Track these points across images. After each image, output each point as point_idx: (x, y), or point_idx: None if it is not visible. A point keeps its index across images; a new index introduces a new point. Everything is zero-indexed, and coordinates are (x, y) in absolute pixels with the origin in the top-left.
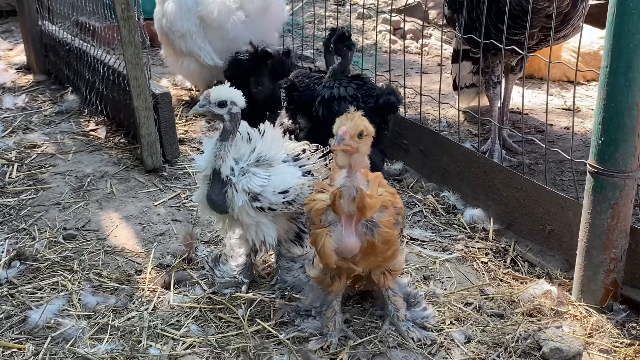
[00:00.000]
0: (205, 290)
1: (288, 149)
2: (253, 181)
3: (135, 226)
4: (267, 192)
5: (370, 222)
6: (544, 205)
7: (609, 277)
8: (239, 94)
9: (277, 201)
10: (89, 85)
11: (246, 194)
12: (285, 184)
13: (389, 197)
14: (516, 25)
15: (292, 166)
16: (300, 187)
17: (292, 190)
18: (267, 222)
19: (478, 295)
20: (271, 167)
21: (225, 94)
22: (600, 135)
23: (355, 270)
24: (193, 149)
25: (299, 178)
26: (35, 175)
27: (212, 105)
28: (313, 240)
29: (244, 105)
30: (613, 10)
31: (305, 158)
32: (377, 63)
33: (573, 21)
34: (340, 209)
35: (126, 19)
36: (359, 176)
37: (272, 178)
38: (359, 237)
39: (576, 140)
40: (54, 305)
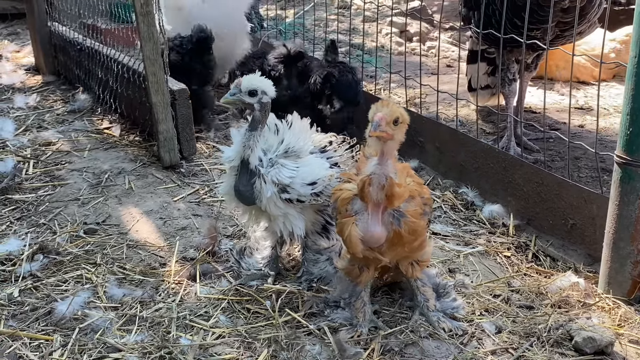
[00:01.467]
0: (232, 283)
1: (315, 141)
2: (282, 172)
3: (156, 221)
4: (295, 184)
5: (397, 211)
6: (567, 199)
7: (636, 269)
8: (269, 83)
9: (306, 193)
10: (102, 84)
11: (275, 185)
12: (314, 176)
13: (416, 187)
14: (532, 19)
15: (319, 158)
16: (328, 179)
17: (320, 182)
18: (295, 213)
19: (505, 288)
20: (299, 158)
21: (256, 83)
22: (628, 125)
23: (382, 261)
24: (208, 146)
25: (327, 170)
26: (52, 172)
27: (243, 94)
28: (339, 229)
29: (274, 94)
30: None
31: (332, 150)
32: (390, 63)
33: (589, 17)
34: (368, 197)
35: (145, 14)
36: (390, 164)
37: (301, 169)
38: (385, 226)
39: (591, 138)
40: (80, 297)
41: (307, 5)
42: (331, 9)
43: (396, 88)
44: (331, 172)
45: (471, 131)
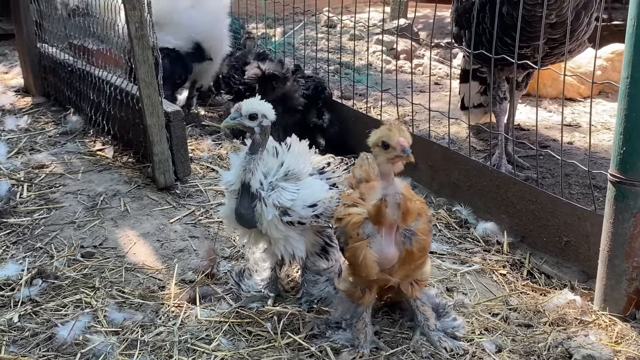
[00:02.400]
0: (232, 305)
1: (314, 162)
2: (283, 195)
3: (154, 243)
4: (296, 206)
5: (407, 230)
6: (560, 217)
7: (631, 286)
8: (269, 107)
9: (307, 215)
10: (93, 106)
11: (276, 208)
12: (314, 198)
13: (420, 205)
14: (521, 37)
15: (318, 179)
16: (328, 200)
17: (320, 204)
18: (296, 235)
19: (503, 306)
20: (299, 180)
21: (256, 107)
22: (621, 145)
23: (390, 281)
24: (202, 167)
25: (327, 191)
26: (46, 195)
27: (244, 118)
28: (352, 254)
29: (274, 118)
30: (633, 22)
31: (330, 171)
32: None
33: (578, 34)
34: (385, 219)
35: (140, 37)
36: (398, 181)
37: (301, 192)
38: (397, 246)
39: (581, 155)
40: (81, 322)
41: (296, 24)
42: (319, 26)
43: (386, 106)
44: (331, 193)
45: (462, 149)
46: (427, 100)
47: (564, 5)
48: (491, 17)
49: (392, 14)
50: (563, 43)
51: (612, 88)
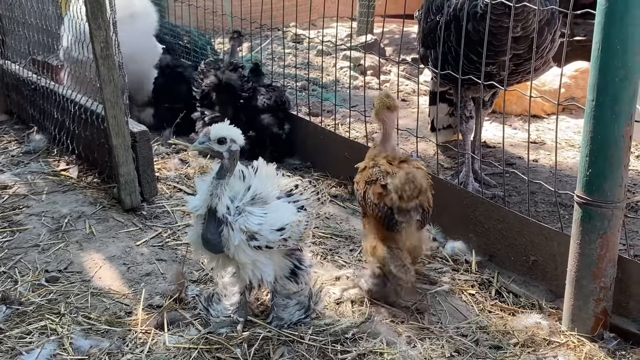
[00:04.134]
0: (201, 331)
1: (281, 185)
2: (250, 220)
3: (120, 267)
4: (264, 231)
5: None
6: (527, 236)
7: (599, 306)
8: (238, 132)
9: (275, 239)
10: (57, 125)
11: (243, 233)
12: (282, 221)
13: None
14: (488, 52)
15: (286, 202)
16: (296, 224)
17: (288, 227)
18: (264, 259)
19: (473, 327)
20: (266, 204)
21: (224, 132)
22: (587, 167)
23: None
24: (169, 187)
25: (295, 214)
26: (10, 217)
27: (212, 142)
28: None
29: (242, 143)
30: (598, 46)
31: (298, 193)
32: (348, 98)
33: (542, 51)
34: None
35: (105, 57)
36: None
37: (269, 216)
38: None
39: (546, 173)
40: (46, 349)
41: (264, 40)
42: (286, 42)
43: (354, 122)
44: (299, 216)
45: (430, 166)
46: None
47: (529, 17)
48: (457, 34)
49: (359, 30)
50: (528, 59)
51: (576, 105)
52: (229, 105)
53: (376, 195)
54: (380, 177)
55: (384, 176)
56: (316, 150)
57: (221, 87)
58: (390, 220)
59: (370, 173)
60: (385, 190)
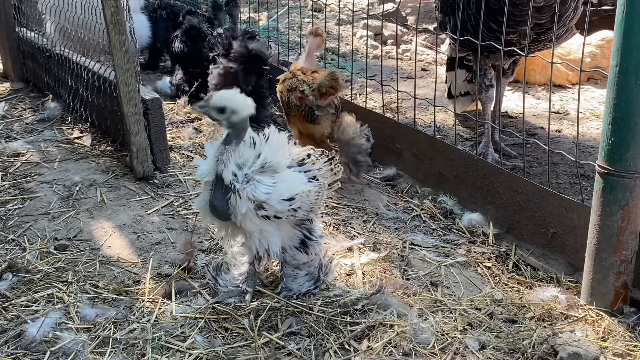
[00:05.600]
0: (208, 300)
1: (293, 154)
2: (258, 189)
3: (130, 235)
4: (272, 200)
5: None
6: (547, 208)
7: (619, 280)
8: (242, 102)
9: (283, 209)
10: (71, 93)
11: (251, 201)
12: (291, 191)
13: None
14: (508, 22)
15: (297, 172)
16: (306, 194)
17: (298, 197)
18: (272, 229)
19: (488, 301)
20: (276, 173)
21: (225, 101)
22: (610, 135)
23: None
24: (182, 156)
25: (305, 184)
26: (21, 184)
27: (211, 109)
28: None
29: (248, 113)
30: (623, 9)
31: (310, 163)
32: (366, 68)
33: (565, 20)
34: None
35: (115, 22)
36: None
37: (278, 185)
38: None
39: (569, 143)
40: (51, 318)
41: (281, 9)
42: (305, 11)
43: (372, 92)
44: (309, 186)
45: (448, 137)
46: (414, 87)
47: None
48: (477, 1)
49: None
50: (550, 29)
51: (602, 75)
52: (252, 74)
53: (297, 99)
54: (297, 85)
55: (301, 84)
56: None
57: (250, 57)
58: (311, 115)
59: (290, 83)
60: (304, 94)
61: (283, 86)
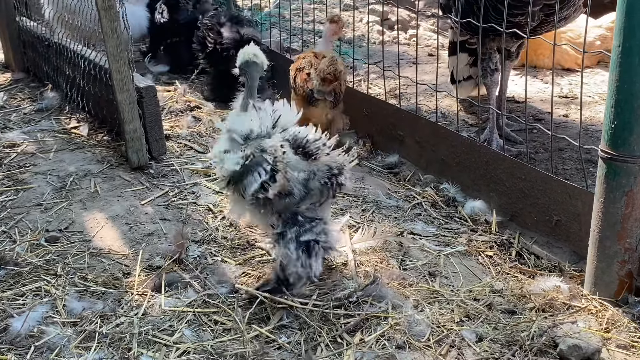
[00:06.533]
0: (199, 293)
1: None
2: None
3: (122, 226)
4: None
5: None
6: (551, 195)
7: (623, 269)
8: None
9: None
10: (69, 82)
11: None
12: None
13: None
14: (516, 3)
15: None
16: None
17: None
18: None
19: (487, 291)
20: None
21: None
22: (612, 118)
23: None
24: (180, 145)
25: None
26: (15, 175)
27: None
28: None
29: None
30: None
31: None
32: (368, 54)
33: (574, 0)
34: None
35: (107, 8)
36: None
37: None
38: None
39: (576, 128)
40: (37, 312)
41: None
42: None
43: (377, 79)
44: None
45: (453, 123)
46: (420, 73)
47: None
48: None
49: None
50: (559, 9)
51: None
52: None
53: (302, 80)
54: (305, 66)
55: (308, 66)
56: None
57: (242, 42)
58: (310, 98)
59: (300, 63)
60: (309, 77)
61: (295, 65)
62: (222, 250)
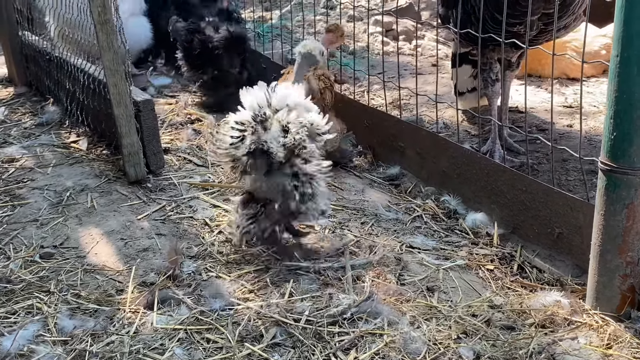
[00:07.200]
0: (192, 309)
1: None
2: None
3: (117, 242)
4: None
5: None
6: (552, 207)
7: (625, 283)
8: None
9: None
10: (69, 95)
11: None
12: None
13: None
14: (515, 13)
15: None
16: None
17: None
18: None
19: (486, 306)
20: None
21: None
22: (612, 130)
23: None
24: (179, 158)
25: None
26: (13, 190)
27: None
28: None
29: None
30: None
31: None
32: (369, 65)
33: (573, 8)
34: None
35: (103, 22)
36: None
37: None
38: None
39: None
40: (28, 330)
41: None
42: (318, 9)
43: (379, 90)
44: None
45: (455, 134)
46: (424, 83)
47: None
48: None
49: None
50: (558, 18)
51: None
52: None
53: None
54: None
55: None
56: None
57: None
58: None
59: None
60: None
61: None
62: (217, 265)
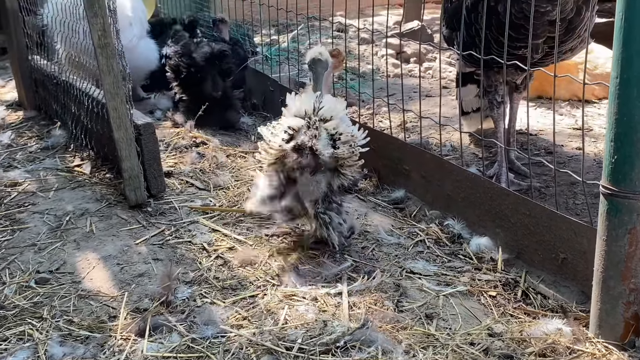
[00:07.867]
0: (183, 337)
1: None
2: None
3: (113, 267)
4: None
5: None
6: (556, 232)
7: (629, 310)
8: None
9: None
10: (74, 119)
11: None
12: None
13: None
14: (519, 36)
15: None
16: None
17: None
18: None
19: (485, 334)
20: None
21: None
22: (612, 153)
23: None
24: (181, 182)
25: None
26: (13, 215)
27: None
28: None
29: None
30: (621, 15)
31: None
32: (374, 87)
33: (579, 32)
34: None
35: (103, 46)
36: None
37: None
38: None
39: (589, 161)
40: (17, 357)
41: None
42: (329, 32)
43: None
44: None
45: (463, 157)
46: (433, 106)
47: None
48: (487, 17)
49: (406, 17)
50: (564, 41)
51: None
52: None
53: None
54: None
55: None
56: None
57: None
58: None
59: None
60: None
61: None
62: (212, 291)
